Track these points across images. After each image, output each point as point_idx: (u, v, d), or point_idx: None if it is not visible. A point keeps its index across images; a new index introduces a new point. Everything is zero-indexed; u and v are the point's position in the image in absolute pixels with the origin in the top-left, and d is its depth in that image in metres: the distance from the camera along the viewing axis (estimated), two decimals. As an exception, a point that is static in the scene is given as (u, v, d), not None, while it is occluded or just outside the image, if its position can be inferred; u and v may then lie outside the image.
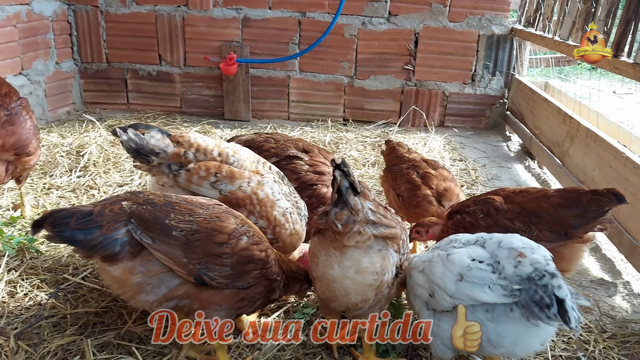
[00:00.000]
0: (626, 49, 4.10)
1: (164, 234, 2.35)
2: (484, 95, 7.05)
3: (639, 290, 3.62)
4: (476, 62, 6.90)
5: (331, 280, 2.39)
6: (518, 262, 2.12)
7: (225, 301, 2.47)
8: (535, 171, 5.82)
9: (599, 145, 4.29)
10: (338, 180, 2.17)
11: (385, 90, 7.01)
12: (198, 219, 2.42)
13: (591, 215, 2.68)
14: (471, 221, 2.95)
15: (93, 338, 2.81)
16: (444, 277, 2.28)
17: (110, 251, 2.31)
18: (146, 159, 2.94)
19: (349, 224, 2.22)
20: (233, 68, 6.59)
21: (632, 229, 3.62)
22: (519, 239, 2.26)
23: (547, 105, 5.65)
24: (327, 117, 7.08)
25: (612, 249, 4.10)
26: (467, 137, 6.84)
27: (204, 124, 6.64)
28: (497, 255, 2.20)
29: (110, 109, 7.09)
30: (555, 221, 2.75)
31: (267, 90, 7.03)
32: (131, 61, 6.96)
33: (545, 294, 2.01)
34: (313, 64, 6.91)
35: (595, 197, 2.68)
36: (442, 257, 2.35)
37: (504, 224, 2.83)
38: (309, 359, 2.77)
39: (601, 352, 2.94)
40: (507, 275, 2.13)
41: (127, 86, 7.07)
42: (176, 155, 2.97)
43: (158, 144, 2.95)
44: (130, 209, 2.39)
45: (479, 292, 2.14)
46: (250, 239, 2.51)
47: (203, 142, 3.05)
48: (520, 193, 2.97)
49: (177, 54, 6.89)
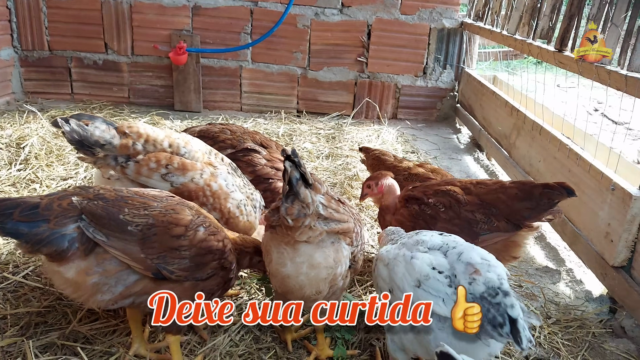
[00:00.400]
0: (569, 44, 4.24)
1: (119, 230, 2.26)
2: (435, 88, 7.17)
3: (581, 277, 3.78)
4: (427, 55, 6.99)
5: (285, 276, 2.37)
6: (472, 280, 2.11)
7: (185, 294, 2.40)
8: (484, 163, 5.98)
9: (544, 138, 4.43)
10: (288, 172, 2.12)
11: (338, 82, 7.01)
12: (153, 212, 2.35)
13: (542, 207, 2.78)
14: (432, 214, 2.96)
15: (35, 339, 2.69)
16: (403, 279, 2.27)
17: (58, 248, 2.19)
18: (91, 150, 2.82)
19: (300, 218, 2.19)
20: (183, 58, 6.42)
21: (574, 218, 3.77)
22: (479, 253, 2.24)
23: (495, 98, 5.79)
24: (281, 109, 7.02)
25: (556, 238, 4.25)
26: (419, 129, 6.94)
27: (153, 114, 6.45)
28: (455, 269, 2.18)
29: (54, 99, 6.78)
30: (512, 212, 2.82)
31: (219, 80, 6.90)
32: (75, 49, 6.67)
33: (498, 313, 2.00)
34: (266, 54, 6.83)
35: (546, 190, 2.77)
36: (406, 259, 2.33)
37: (466, 216, 2.87)
38: (263, 354, 2.74)
39: (546, 337, 3.05)
40: None
41: (71, 75, 6.77)
42: (124, 147, 2.86)
43: (103, 135, 2.83)
44: (81, 204, 2.27)
45: (434, 303, 2.13)
46: (207, 230, 2.47)
47: (153, 133, 2.95)
48: (478, 184, 3.02)
49: (124, 43, 6.65)
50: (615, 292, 3.25)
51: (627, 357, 2.96)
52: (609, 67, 3.58)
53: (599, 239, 3.41)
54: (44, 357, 2.58)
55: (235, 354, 2.72)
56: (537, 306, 3.34)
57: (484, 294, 2.06)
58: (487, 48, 8.57)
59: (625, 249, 3.19)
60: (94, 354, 2.64)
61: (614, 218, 3.26)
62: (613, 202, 3.29)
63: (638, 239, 3.14)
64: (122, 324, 2.87)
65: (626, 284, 3.12)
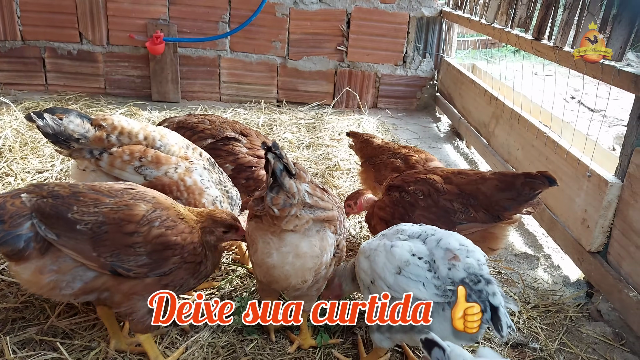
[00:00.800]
0: (547, 32, 4.28)
1: (69, 228, 2.21)
2: (415, 77, 7.18)
3: (559, 263, 3.85)
4: (407, 43, 7.00)
5: (271, 266, 2.36)
6: (452, 265, 2.15)
7: (149, 290, 2.36)
8: (464, 151, 6.02)
9: (522, 126, 4.48)
10: (272, 163, 2.11)
11: (318, 71, 6.97)
12: (104, 209, 2.27)
13: (523, 198, 2.77)
14: (411, 201, 2.97)
15: (13, 335, 2.64)
16: (384, 268, 2.30)
17: (14, 247, 2.17)
18: (66, 144, 2.77)
19: (286, 207, 2.17)
20: (160, 47, 6.32)
21: (552, 205, 3.82)
22: (457, 239, 2.28)
23: (474, 87, 5.83)
24: (260, 99, 6.97)
25: (534, 224, 4.31)
26: (399, 118, 6.96)
27: (130, 105, 6.34)
28: (434, 254, 2.22)
29: (27, 90, 6.62)
30: (491, 203, 2.82)
31: (197, 70, 6.81)
32: (49, 39, 6.51)
33: (480, 300, 2.04)
34: (244, 43, 6.76)
35: (528, 179, 2.75)
36: (386, 248, 2.36)
37: (444, 205, 2.88)
38: (245, 345, 2.74)
39: (525, 322, 3.10)
40: (441, 276, 2.16)
41: (45, 66, 6.61)
42: (98, 139, 2.81)
43: (77, 129, 2.78)
44: (30, 202, 2.23)
45: (414, 288, 2.17)
46: (162, 224, 2.36)
47: (127, 125, 2.90)
48: (459, 174, 3.02)
49: (99, 32, 6.51)
50: (591, 277, 3.31)
51: (603, 339, 3.02)
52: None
53: (576, 225, 3.47)
54: (22, 353, 2.54)
55: (218, 345, 2.71)
56: (516, 292, 3.39)
57: (465, 280, 2.10)
58: (466, 37, 8.61)
59: (601, 235, 3.25)
60: (74, 348, 2.61)
61: (590, 204, 3.32)
62: (589, 188, 3.34)
63: (614, 225, 3.20)
64: (102, 318, 2.84)
65: (602, 268, 3.18)
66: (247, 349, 2.70)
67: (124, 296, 2.34)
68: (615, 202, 3.16)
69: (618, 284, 3.02)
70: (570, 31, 3.86)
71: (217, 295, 3.11)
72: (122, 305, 2.37)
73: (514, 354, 2.86)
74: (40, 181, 4.25)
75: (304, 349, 2.74)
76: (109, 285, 2.32)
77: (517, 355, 2.86)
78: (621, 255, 3.11)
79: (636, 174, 3.01)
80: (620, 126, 7.06)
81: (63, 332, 2.71)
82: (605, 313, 3.18)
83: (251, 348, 2.72)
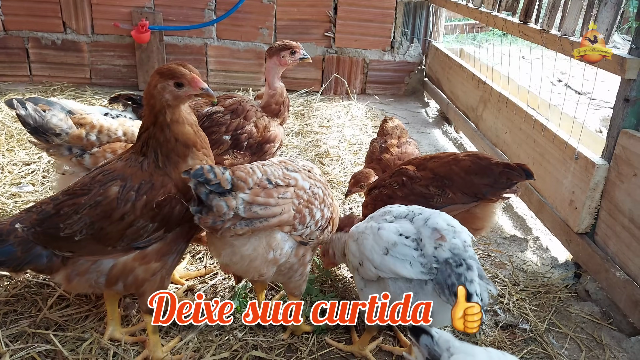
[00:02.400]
0: (534, 16, 4.28)
1: (71, 243, 2.24)
2: (403, 62, 7.17)
3: (547, 244, 3.90)
4: (395, 29, 6.97)
5: (224, 264, 2.43)
6: (438, 245, 2.18)
7: (175, 242, 2.38)
8: (452, 136, 6.05)
9: (510, 109, 4.50)
10: (194, 191, 2.10)
11: (306, 58, 6.93)
12: (84, 211, 2.22)
13: (500, 186, 2.79)
14: (388, 193, 3.00)
15: (5, 328, 2.64)
16: (372, 250, 2.33)
17: (38, 265, 2.28)
18: (44, 137, 2.74)
19: (217, 224, 2.14)
20: (146, 36, 6.24)
21: (540, 187, 3.86)
22: (444, 219, 2.30)
23: (462, 71, 5.84)
24: (249, 86, 6.93)
25: (523, 207, 4.36)
26: (388, 104, 6.96)
27: (117, 95, 6.27)
28: (421, 233, 2.25)
29: (11, 82, 6.52)
30: (466, 184, 2.83)
31: (184, 59, 6.73)
32: (32, 29, 6.40)
33: (458, 282, 2.07)
34: (231, 31, 6.70)
35: (506, 170, 2.77)
36: (374, 230, 2.39)
37: (420, 191, 2.89)
38: (239, 332, 2.75)
39: (514, 303, 3.15)
40: (426, 255, 2.19)
41: (29, 56, 6.51)
42: (77, 138, 2.79)
43: (60, 124, 2.76)
44: (26, 233, 2.26)
45: (401, 267, 2.20)
46: (139, 193, 2.23)
47: (106, 122, 2.88)
48: (432, 159, 3.03)
49: (83, 21, 6.42)
50: (579, 258, 3.36)
51: (591, 318, 3.08)
52: (571, 38, 3.64)
53: (564, 207, 3.51)
54: (15, 346, 2.53)
55: (212, 334, 2.72)
56: (506, 274, 3.43)
57: (448, 260, 2.14)
58: (453, 21, 8.60)
59: (588, 216, 3.29)
60: (67, 340, 2.61)
61: (578, 186, 3.35)
62: (577, 170, 3.38)
63: (601, 206, 3.24)
64: (94, 309, 2.84)
65: (590, 249, 3.23)
66: (240, 335, 2.72)
67: (148, 266, 2.34)
68: (602, 184, 3.20)
69: (605, 264, 3.07)
70: (557, 14, 3.87)
71: (219, 288, 3.12)
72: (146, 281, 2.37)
73: (504, 335, 2.91)
74: (27, 173, 4.22)
75: (297, 335, 2.76)
76: (128, 267, 2.32)
77: (508, 336, 2.91)
78: (608, 235, 3.16)
79: (622, 156, 3.05)
80: (607, 108, 7.11)
81: (56, 324, 2.71)
82: (593, 293, 3.23)
83: (244, 334, 2.73)
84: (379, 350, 2.74)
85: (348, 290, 3.17)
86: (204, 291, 3.07)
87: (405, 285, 2.23)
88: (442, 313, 2.24)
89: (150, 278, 2.37)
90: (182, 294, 3.01)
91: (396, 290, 2.25)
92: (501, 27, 4.79)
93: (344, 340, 2.79)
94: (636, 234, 2.90)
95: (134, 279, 2.34)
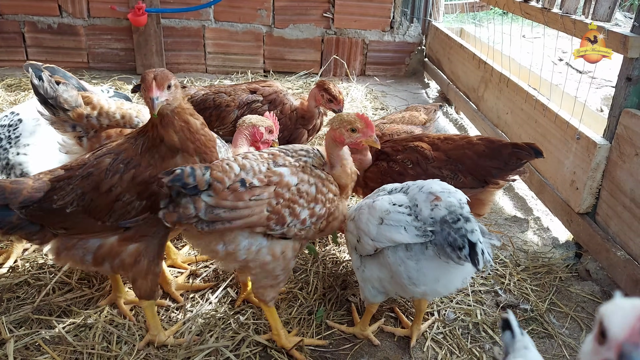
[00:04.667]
0: (535, -6, 4.23)
1: (62, 216, 2.25)
2: (403, 43, 7.10)
3: (548, 225, 3.90)
4: (394, 8, 6.89)
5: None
6: (435, 205, 2.20)
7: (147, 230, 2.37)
8: (453, 117, 6.01)
9: (511, 90, 4.46)
10: (167, 192, 2.13)
11: (305, 39, 6.87)
12: (76, 181, 2.25)
13: (510, 167, 2.83)
14: (400, 170, 2.99)
15: (8, 314, 2.66)
16: (368, 222, 2.36)
17: (29, 231, 2.28)
18: (52, 109, 2.72)
19: (181, 221, 2.14)
20: (143, 19, 6.17)
21: (541, 168, 3.85)
22: (439, 184, 2.33)
23: (462, 51, 5.78)
24: (247, 69, 6.87)
25: (524, 188, 4.35)
26: (388, 85, 6.91)
27: (115, 79, 6.24)
28: (416, 199, 2.28)
29: (8, 67, 6.46)
30: (478, 168, 2.86)
31: (182, 41, 6.68)
32: (27, 13, 6.33)
33: (458, 236, 2.10)
34: (229, 12, 6.62)
35: (515, 150, 2.80)
36: (369, 204, 2.42)
37: (433, 173, 2.90)
38: (241, 315, 2.77)
39: (515, 284, 3.16)
40: (422, 217, 2.21)
41: (25, 41, 6.45)
42: (78, 116, 2.77)
43: (70, 100, 2.73)
44: (25, 215, 2.25)
45: (395, 233, 2.23)
46: (127, 166, 2.25)
47: (106, 104, 2.86)
48: (445, 140, 3.02)
49: (79, 5, 6.34)
50: (580, 238, 3.36)
51: (591, 298, 3.09)
52: (573, 16, 3.59)
53: (565, 187, 3.51)
54: (20, 332, 2.55)
55: (215, 317, 2.74)
56: (507, 255, 3.44)
57: (445, 217, 2.16)
58: (453, 0, 8.49)
59: (589, 196, 3.29)
60: (71, 326, 2.62)
61: (579, 166, 3.34)
62: (578, 150, 3.36)
63: (602, 186, 3.23)
64: (97, 293, 2.86)
65: (590, 229, 3.23)
66: (243, 319, 2.73)
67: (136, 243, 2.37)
68: (604, 164, 3.18)
69: (606, 244, 3.07)
70: (559, -8, 3.82)
71: (220, 271, 3.13)
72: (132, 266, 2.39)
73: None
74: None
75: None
76: (115, 248, 2.35)
77: (508, 316, 2.92)
78: (609, 215, 3.15)
79: (624, 135, 3.03)
80: (608, 87, 7.06)
81: (59, 309, 2.72)
82: (594, 272, 3.24)
83: (246, 318, 2.75)
84: (380, 331, 2.76)
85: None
86: (207, 275, 3.08)
87: (406, 253, 2.25)
88: (448, 277, 2.28)
89: (135, 263, 2.37)
90: (185, 279, 3.02)
91: (397, 260, 2.27)
92: (502, 5, 4.73)
93: (346, 322, 2.80)
94: (637, 214, 2.90)
95: (120, 263, 2.37)
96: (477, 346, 2.70)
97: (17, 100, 5.28)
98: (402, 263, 2.26)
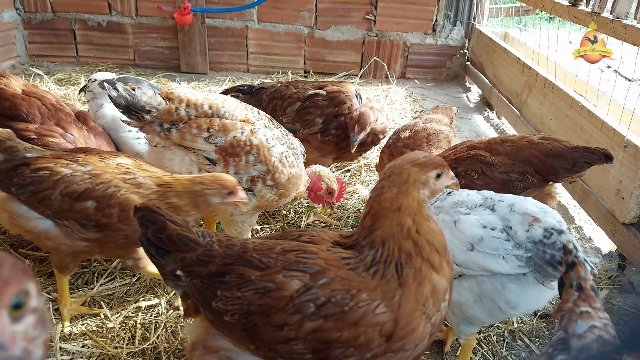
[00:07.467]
0: (584, -2, 4.12)
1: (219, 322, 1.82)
2: (445, 46, 7.03)
3: (590, 234, 3.79)
4: (437, 11, 6.83)
5: None
6: (531, 226, 2.06)
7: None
8: (494, 122, 5.91)
9: (556, 95, 4.36)
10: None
11: (346, 41, 6.89)
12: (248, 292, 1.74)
13: (576, 169, 2.77)
14: (466, 183, 2.84)
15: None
16: (451, 245, 2.07)
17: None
18: (137, 116, 2.81)
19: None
20: (188, 18, 6.31)
21: (585, 176, 3.72)
22: (532, 202, 2.19)
23: (506, 55, 5.68)
24: (288, 69, 6.94)
25: (567, 196, 4.24)
26: (428, 88, 6.85)
27: (159, 77, 6.40)
28: (509, 220, 2.12)
29: (59, 62, 6.73)
30: (545, 167, 2.79)
31: (225, 41, 6.80)
32: (78, 11, 6.57)
33: (555, 250, 1.98)
34: (272, 13, 6.70)
35: (587, 154, 2.74)
36: (449, 225, 2.20)
37: (501, 179, 2.81)
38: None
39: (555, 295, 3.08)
40: (519, 241, 2.06)
41: (76, 37, 6.70)
42: (167, 113, 2.85)
43: (150, 101, 2.81)
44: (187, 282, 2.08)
45: (493, 263, 2.05)
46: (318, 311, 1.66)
47: (193, 97, 2.93)
48: (504, 143, 2.93)
49: (128, 4, 6.54)
50: (624, 249, 3.26)
51: (634, 311, 2.99)
52: (624, 21, 3.49)
53: (610, 196, 3.40)
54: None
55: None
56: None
57: (540, 238, 2.04)
58: (498, 4, 8.35)
59: (636, 206, 3.18)
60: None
61: (625, 175, 3.24)
62: (625, 159, 3.26)
63: (649, 196, 3.12)
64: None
65: (636, 240, 3.12)
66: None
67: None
68: (652, 173, 3.08)
69: (652, 256, 2.97)
70: (610, -4, 3.72)
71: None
72: None
73: (542, 325, 2.86)
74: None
75: None
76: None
77: (546, 325, 2.86)
78: (656, 227, 3.05)
79: (675, 144, 2.92)
80: (658, 96, 6.80)
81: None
82: (638, 285, 3.13)
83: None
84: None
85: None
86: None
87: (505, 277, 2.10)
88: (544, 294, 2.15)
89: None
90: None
91: (496, 285, 2.11)
92: (549, 9, 4.63)
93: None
94: (687, 226, 2.79)
95: None
96: (512, 354, 2.65)
97: (66, 95, 5.48)
98: (503, 288, 2.11)
